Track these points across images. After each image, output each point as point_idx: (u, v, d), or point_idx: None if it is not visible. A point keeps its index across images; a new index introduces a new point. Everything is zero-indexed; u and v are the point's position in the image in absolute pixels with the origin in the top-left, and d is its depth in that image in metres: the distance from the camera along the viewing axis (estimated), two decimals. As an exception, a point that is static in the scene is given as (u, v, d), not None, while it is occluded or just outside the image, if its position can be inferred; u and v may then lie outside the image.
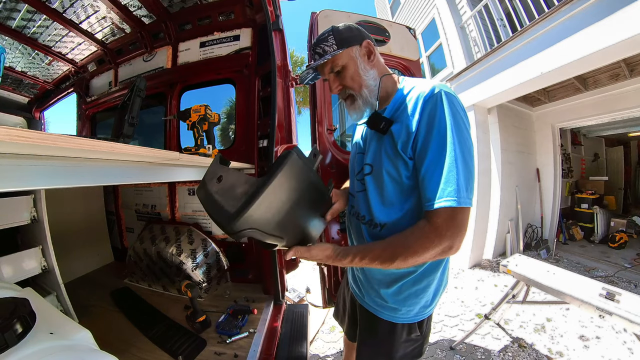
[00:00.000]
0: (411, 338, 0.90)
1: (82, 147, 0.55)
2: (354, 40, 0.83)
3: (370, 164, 0.86)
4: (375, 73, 0.85)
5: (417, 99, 0.75)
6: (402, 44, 1.96)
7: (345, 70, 0.84)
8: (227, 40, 2.05)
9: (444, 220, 0.68)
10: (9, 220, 1.35)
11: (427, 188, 0.70)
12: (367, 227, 0.89)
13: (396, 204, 0.81)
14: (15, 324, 0.72)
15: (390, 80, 0.88)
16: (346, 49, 0.82)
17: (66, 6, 1.94)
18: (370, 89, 0.84)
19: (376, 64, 0.86)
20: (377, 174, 0.84)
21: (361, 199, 0.91)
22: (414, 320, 0.88)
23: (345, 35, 0.83)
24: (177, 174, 1.25)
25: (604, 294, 1.67)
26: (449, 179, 0.67)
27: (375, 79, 0.85)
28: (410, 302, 0.87)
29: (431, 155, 0.70)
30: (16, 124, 1.95)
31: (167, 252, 1.83)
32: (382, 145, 0.82)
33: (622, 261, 3.88)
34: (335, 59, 0.83)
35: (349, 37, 0.83)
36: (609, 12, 2.28)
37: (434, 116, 0.70)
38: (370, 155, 0.87)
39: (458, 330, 2.51)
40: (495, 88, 3.60)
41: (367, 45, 0.84)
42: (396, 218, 0.81)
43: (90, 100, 2.63)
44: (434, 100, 0.71)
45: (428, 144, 0.71)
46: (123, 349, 1.34)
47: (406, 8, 6.83)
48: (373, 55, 0.85)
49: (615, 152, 6.40)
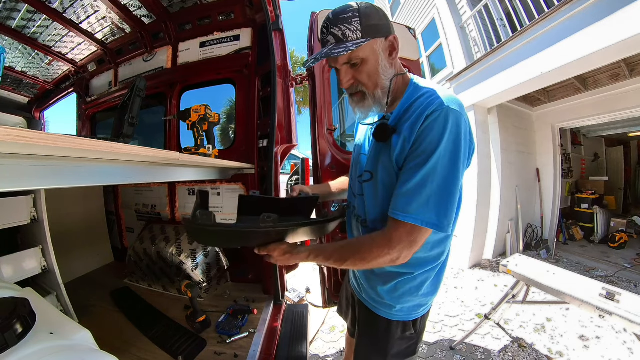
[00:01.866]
0: (406, 336, 0.91)
1: (82, 147, 0.55)
2: (382, 31, 0.72)
3: (370, 171, 0.86)
4: (392, 73, 0.78)
5: (421, 113, 0.68)
6: (402, 44, 1.96)
7: (364, 65, 0.74)
8: (227, 40, 2.05)
9: (400, 234, 0.69)
10: (9, 220, 1.35)
11: (396, 195, 0.70)
12: (365, 230, 0.90)
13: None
14: (15, 324, 0.71)
15: (400, 81, 0.81)
16: (371, 40, 0.71)
17: (66, 6, 1.94)
18: (385, 90, 0.77)
19: (395, 62, 0.79)
20: (374, 182, 0.84)
21: (360, 202, 0.92)
22: (408, 319, 0.89)
23: (374, 22, 0.71)
24: (177, 174, 1.25)
25: (604, 294, 1.67)
26: (419, 194, 0.66)
27: (390, 79, 0.77)
28: (405, 300, 0.87)
29: (412, 166, 0.68)
30: (16, 124, 1.95)
31: (167, 252, 1.83)
32: (380, 153, 0.81)
33: (622, 261, 3.88)
34: (359, 50, 0.71)
35: (377, 26, 0.71)
36: (609, 12, 2.28)
37: (431, 130, 0.66)
38: (370, 162, 0.86)
39: (458, 330, 2.51)
40: (495, 88, 3.60)
41: (393, 41, 0.75)
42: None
43: (90, 100, 2.63)
44: (437, 116, 0.66)
45: (414, 154, 0.68)
46: (123, 349, 1.34)
47: (406, 8, 6.82)
48: (395, 53, 0.77)
49: (615, 152, 6.40)
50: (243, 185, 1.96)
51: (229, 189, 2.02)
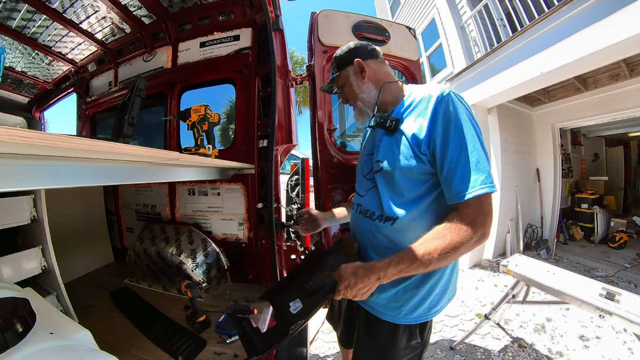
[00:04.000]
0: (411, 345, 0.89)
1: (82, 147, 0.55)
2: (347, 62, 0.98)
3: (381, 161, 0.88)
4: (370, 86, 0.96)
5: (427, 101, 0.80)
6: (402, 44, 1.96)
7: (344, 88, 1.01)
8: (227, 40, 2.05)
9: (474, 209, 0.70)
10: (9, 220, 1.35)
11: (455, 182, 0.72)
12: (377, 223, 0.88)
13: (409, 200, 0.82)
14: (15, 324, 0.71)
15: (394, 87, 0.96)
16: (343, 71, 0.99)
17: (66, 6, 1.94)
18: (365, 101, 0.97)
19: (371, 77, 0.97)
20: (388, 171, 0.85)
21: (371, 196, 0.93)
22: (416, 322, 0.87)
23: (341, 58, 0.99)
24: (177, 174, 1.25)
25: (604, 294, 1.67)
26: (478, 168, 0.71)
27: (370, 91, 0.96)
28: (414, 303, 0.86)
29: (454, 151, 0.73)
30: (16, 124, 1.95)
31: (167, 252, 1.83)
32: (394, 143, 0.85)
33: (622, 261, 3.88)
34: (337, 79, 1.02)
35: (343, 60, 0.99)
36: (609, 12, 2.28)
37: (449, 115, 0.75)
38: (382, 153, 0.89)
39: (458, 330, 2.51)
40: (495, 88, 3.60)
41: (357, 64, 0.96)
42: (408, 213, 0.81)
43: (90, 100, 2.63)
44: (446, 101, 0.77)
45: (447, 141, 0.74)
46: (123, 349, 1.34)
47: (406, 8, 6.83)
48: (364, 72, 0.96)
49: (615, 152, 6.40)
50: (243, 185, 1.96)
51: (229, 189, 2.02)
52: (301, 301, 0.84)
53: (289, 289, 0.89)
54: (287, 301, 0.85)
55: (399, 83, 0.97)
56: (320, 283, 0.83)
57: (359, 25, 1.81)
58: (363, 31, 1.81)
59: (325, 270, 0.85)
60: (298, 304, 0.84)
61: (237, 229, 2.03)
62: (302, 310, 0.83)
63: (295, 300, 0.85)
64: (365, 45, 1.00)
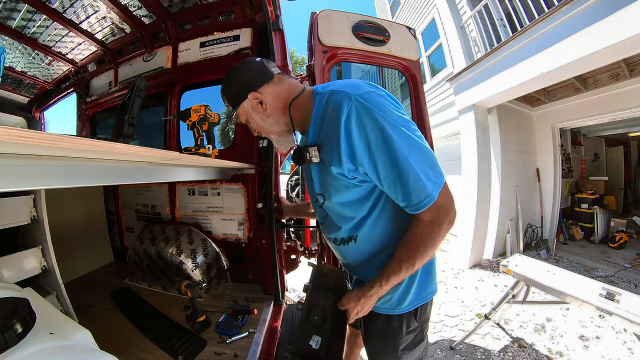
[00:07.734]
0: (410, 330, 0.91)
1: (82, 147, 0.55)
2: (240, 98, 0.84)
3: (322, 194, 0.88)
4: (276, 115, 0.85)
5: (335, 118, 0.71)
6: (402, 44, 1.96)
7: (250, 123, 0.90)
8: (227, 40, 2.05)
9: (434, 208, 0.70)
10: (9, 220, 1.35)
11: (405, 200, 0.71)
12: (342, 247, 0.92)
13: (361, 218, 0.83)
14: (15, 324, 0.72)
15: (302, 101, 0.83)
16: (239, 107, 0.86)
17: (66, 6, 1.94)
18: (277, 132, 0.88)
19: (274, 105, 0.84)
20: (329, 202, 0.86)
21: (328, 223, 0.94)
22: (409, 309, 0.89)
23: (232, 93, 0.86)
24: (177, 174, 1.25)
25: (604, 294, 1.67)
26: (422, 172, 0.68)
27: (279, 120, 0.85)
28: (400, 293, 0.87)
29: (388, 172, 0.69)
30: (16, 124, 1.95)
31: (167, 252, 1.83)
32: (325, 173, 0.81)
33: (622, 261, 3.88)
34: (237, 116, 0.90)
35: (235, 97, 0.85)
36: (609, 12, 2.28)
37: (364, 132, 0.68)
38: (318, 185, 0.88)
39: (458, 330, 2.51)
40: (495, 88, 3.60)
41: (253, 98, 0.83)
42: (364, 226, 0.84)
43: (90, 100, 2.63)
44: (355, 117, 0.68)
45: (376, 164, 0.69)
46: (123, 349, 1.34)
47: (406, 8, 6.83)
48: (264, 104, 0.83)
49: (615, 152, 6.39)
50: (243, 185, 1.96)
51: (229, 189, 2.02)
52: (318, 335, 0.91)
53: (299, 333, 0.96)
54: (306, 342, 0.91)
55: (306, 90, 0.85)
56: (323, 313, 0.91)
57: (359, 25, 1.81)
58: (363, 31, 1.81)
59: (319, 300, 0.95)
60: (317, 338, 0.90)
61: (237, 229, 2.03)
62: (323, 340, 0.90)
63: (312, 337, 0.91)
64: (253, 69, 0.85)
